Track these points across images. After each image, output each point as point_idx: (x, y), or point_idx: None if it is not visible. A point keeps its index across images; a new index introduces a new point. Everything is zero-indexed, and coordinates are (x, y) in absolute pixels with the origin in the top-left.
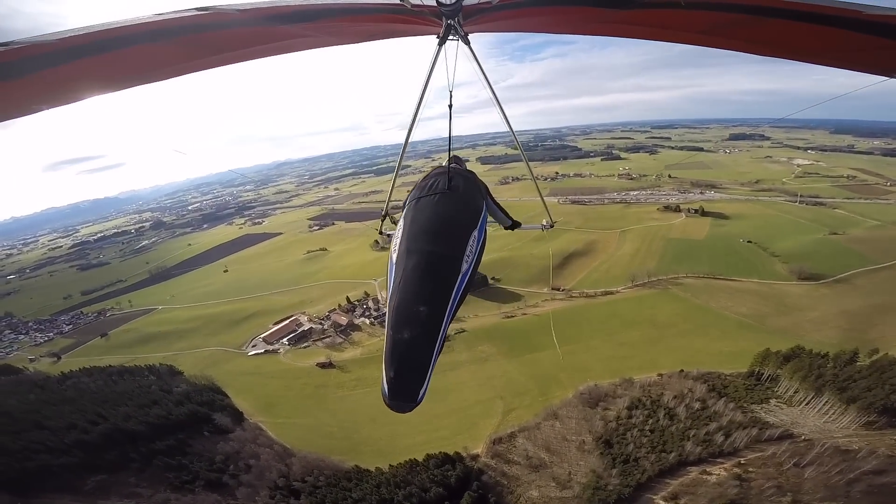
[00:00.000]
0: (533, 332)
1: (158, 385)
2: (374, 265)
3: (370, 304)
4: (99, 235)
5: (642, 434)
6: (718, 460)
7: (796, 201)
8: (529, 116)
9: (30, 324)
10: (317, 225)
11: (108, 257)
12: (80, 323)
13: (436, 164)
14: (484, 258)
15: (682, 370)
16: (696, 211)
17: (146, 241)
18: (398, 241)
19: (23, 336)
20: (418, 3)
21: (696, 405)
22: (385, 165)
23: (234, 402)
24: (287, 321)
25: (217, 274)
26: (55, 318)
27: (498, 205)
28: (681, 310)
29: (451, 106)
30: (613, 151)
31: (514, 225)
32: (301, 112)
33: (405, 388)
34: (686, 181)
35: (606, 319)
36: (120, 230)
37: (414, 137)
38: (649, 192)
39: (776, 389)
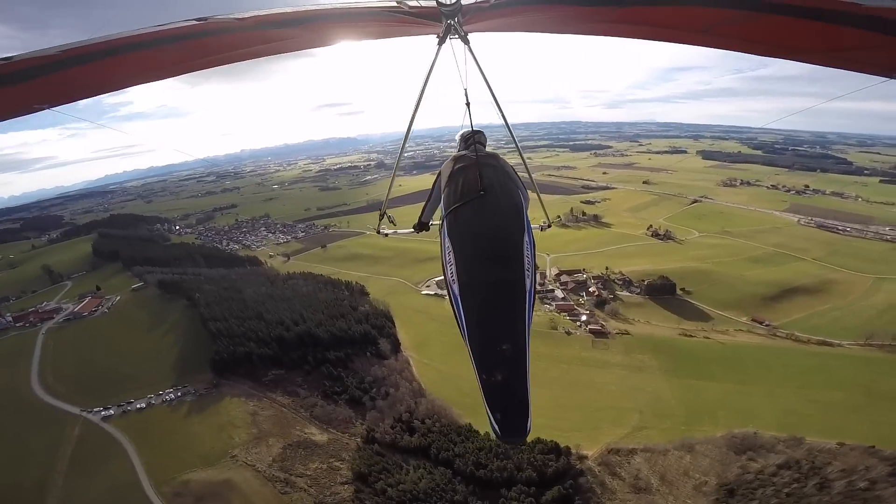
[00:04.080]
0: (709, 359)
1: (349, 301)
2: (554, 241)
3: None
4: (338, 166)
5: (776, 495)
6: None
7: None
8: (781, 114)
9: (278, 225)
10: None
11: (340, 184)
12: (311, 232)
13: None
14: (679, 265)
15: (872, 446)
16: None
17: (369, 177)
18: (452, 268)
19: (271, 235)
20: (416, 4)
21: (862, 484)
22: (583, 142)
23: (397, 333)
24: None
25: (415, 214)
26: (295, 225)
27: (521, 183)
28: None
29: (468, 104)
30: None
31: None
32: (507, 79)
33: (513, 427)
34: None
35: (808, 371)
36: (353, 164)
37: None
38: None
39: None
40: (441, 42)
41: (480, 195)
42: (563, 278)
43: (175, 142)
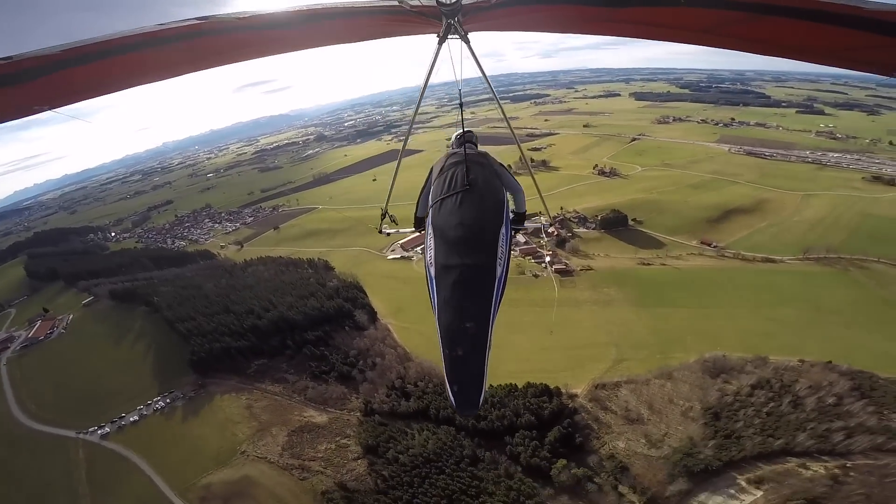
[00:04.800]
0: (669, 285)
1: (315, 278)
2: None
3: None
4: (274, 145)
5: (757, 415)
6: (824, 458)
7: None
8: (703, 55)
9: (223, 214)
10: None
11: (281, 162)
12: (259, 216)
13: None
14: (628, 198)
15: (829, 362)
16: None
17: (311, 151)
18: (431, 252)
19: (217, 225)
20: (417, 3)
21: (830, 400)
22: (522, 93)
23: (371, 302)
24: (422, 231)
25: (367, 182)
26: (241, 211)
27: (512, 177)
28: (856, 297)
29: (461, 104)
30: (815, 105)
31: (520, 220)
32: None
33: (467, 400)
34: None
35: (759, 289)
36: (291, 141)
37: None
38: (856, 156)
39: None
40: (441, 41)
41: (466, 189)
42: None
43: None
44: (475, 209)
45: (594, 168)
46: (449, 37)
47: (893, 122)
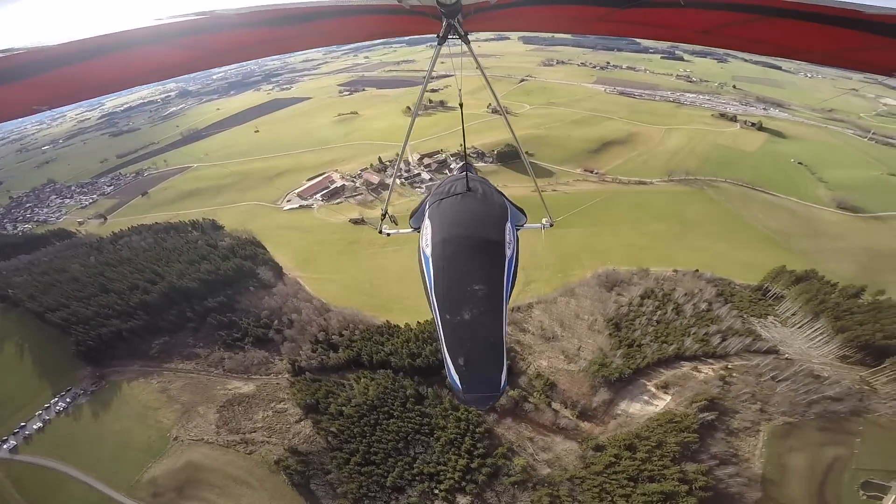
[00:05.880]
0: (560, 208)
1: (204, 240)
2: (405, 129)
3: (401, 165)
4: (125, 106)
5: (649, 323)
6: (709, 361)
7: (866, 137)
8: None
9: (72, 187)
10: (347, 90)
11: (137, 124)
12: (121, 184)
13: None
14: (519, 133)
15: (696, 270)
16: (753, 124)
17: (174, 108)
18: (429, 236)
19: (68, 200)
20: (417, 3)
21: (703, 306)
22: (419, 36)
23: (273, 257)
24: (320, 178)
25: (248, 134)
26: (96, 181)
27: (512, 203)
28: (711, 211)
29: (461, 104)
30: (677, 52)
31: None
32: None
33: (482, 377)
34: (752, 95)
35: (635, 207)
36: (146, 100)
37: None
38: (707, 97)
39: (777, 308)
40: (441, 41)
41: (466, 192)
42: (426, 161)
43: None
44: (478, 203)
45: (487, 107)
46: (449, 37)
47: (738, 70)
